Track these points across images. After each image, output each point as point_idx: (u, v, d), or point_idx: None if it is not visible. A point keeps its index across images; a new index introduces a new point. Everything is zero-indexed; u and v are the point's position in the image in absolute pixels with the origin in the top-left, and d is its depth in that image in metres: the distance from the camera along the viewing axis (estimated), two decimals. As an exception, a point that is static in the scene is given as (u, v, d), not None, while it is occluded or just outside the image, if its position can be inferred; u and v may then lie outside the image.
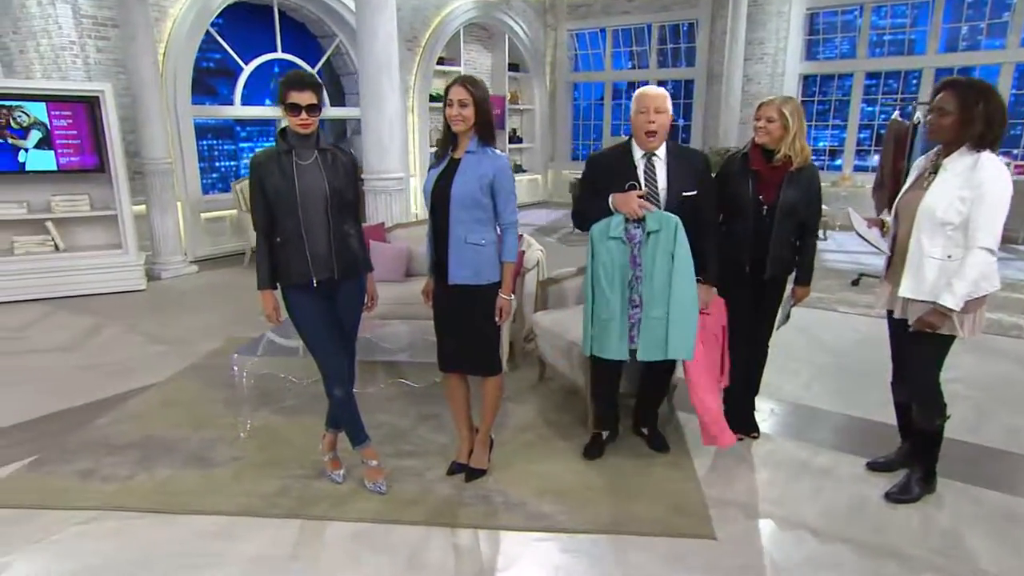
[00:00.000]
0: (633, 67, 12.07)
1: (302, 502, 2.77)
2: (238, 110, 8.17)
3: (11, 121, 5.61)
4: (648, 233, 2.72)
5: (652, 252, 2.73)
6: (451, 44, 10.34)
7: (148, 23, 6.39)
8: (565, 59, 12.48)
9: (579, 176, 10.58)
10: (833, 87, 10.19)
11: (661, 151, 2.81)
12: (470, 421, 3.02)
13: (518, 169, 12.16)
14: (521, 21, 11.45)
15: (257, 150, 2.77)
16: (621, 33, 11.98)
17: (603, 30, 12.09)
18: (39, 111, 5.71)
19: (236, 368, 3.32)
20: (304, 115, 2.51)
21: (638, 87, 2.81)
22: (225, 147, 8.84)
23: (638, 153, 2.82)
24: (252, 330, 4.82)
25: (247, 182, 7.32)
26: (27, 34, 6.32)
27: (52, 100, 5.75)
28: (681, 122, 11.40)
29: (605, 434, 3.21)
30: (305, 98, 2.50)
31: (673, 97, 11.64)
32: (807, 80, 10.34)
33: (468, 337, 2.76)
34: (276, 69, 9.19)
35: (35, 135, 5.72)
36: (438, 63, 10.12)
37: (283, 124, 2.65)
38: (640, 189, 2.76)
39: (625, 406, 3.32)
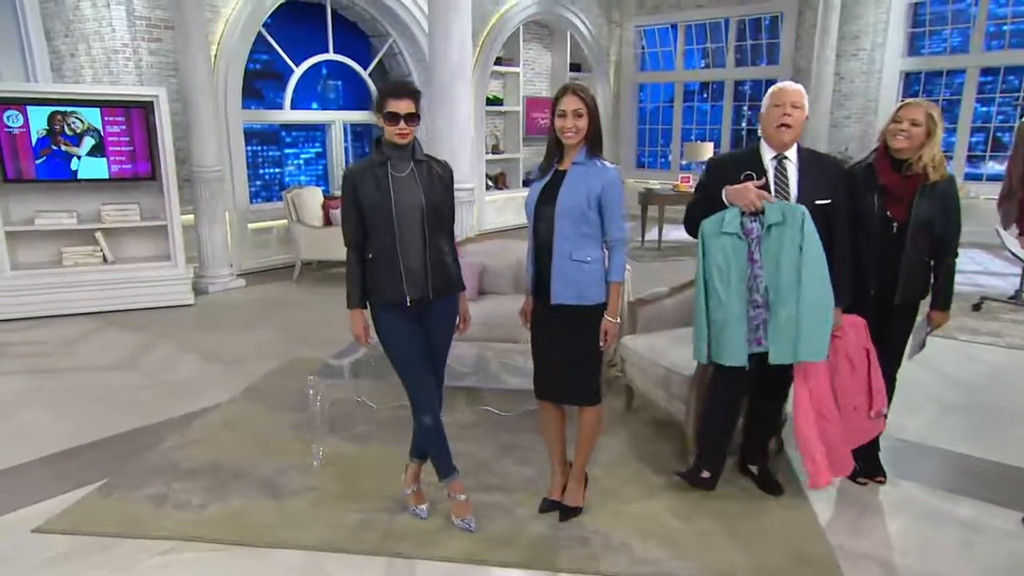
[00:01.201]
0: (707, 66, 12.03)
1: (387, 537, 2.83)
2: (288, 114, 8.46)
3: (65, 127, 5.94)
4: (769, 227, 2.72)
5: (775, 247, 2.73)
6: (509, 43, 10.52)
7: (202, 24, 6.71)
8: (631, 58, 12.54)
9: (649, 187, 10.48)
10: (940, 85, 9.95)
11: (792, 154, 2.83)
12: (564, 454, 3.04)
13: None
14: (584, 17, 11.57)
15: (350, 163, 2.89)
16: (694, 29, 11.97)
17: (674, 26, 12.11)
18: (93, 117, 6.03)
19: (311, 391, 3.42)
20: (403, 124, 2.61)
21: (712, 88, 2.86)
22: (270, 154, 9.14)
23: (768, 155, 2.84)
24: (308, 350, 4.97)
25: (300, 191, 7.59)
26: (79, 37, 6.71)
27: (106, 105, 6.07)
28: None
29: (706, 474, 3.17)
30: (404, 106, 2.60)
31: (753, 99, 11.65)
32: (908, 78, 10.14)
33: (568, 362, 2.80)
34: (324, 71, 9.49)
35: (88, 142, 6.05)
36: (495, 63, 10.30)
37: (332, 129, 2.76)
38: (769, 192, 2.77)
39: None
